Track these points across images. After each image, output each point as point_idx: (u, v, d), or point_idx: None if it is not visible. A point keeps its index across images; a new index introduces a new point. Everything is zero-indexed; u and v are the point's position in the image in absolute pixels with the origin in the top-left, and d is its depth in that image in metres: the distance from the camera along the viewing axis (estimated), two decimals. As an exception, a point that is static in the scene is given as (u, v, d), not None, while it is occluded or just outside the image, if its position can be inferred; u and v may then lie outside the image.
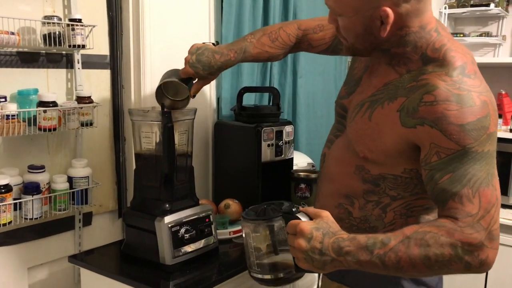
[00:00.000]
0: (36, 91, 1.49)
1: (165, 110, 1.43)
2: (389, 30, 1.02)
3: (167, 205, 1.45)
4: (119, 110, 1.78)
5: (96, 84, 1.71)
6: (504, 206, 2.18)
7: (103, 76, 1.74)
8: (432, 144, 0.98)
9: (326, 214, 1.03)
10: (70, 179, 1.56)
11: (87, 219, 1.73)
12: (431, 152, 0.99)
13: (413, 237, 0.94)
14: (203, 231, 1.50)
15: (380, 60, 1.14)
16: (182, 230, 1.44)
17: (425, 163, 1.01)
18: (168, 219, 1.41)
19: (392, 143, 1.06)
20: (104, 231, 1.80)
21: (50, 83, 1.59)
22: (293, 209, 1.05)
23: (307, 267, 1.00)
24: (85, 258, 1.54)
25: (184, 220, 1.45)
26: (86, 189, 1.57)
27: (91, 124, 1.57)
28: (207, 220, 1.53)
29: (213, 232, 1.53)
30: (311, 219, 1.03)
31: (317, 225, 1.00)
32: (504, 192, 2.12)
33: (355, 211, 1.16)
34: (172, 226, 1.41)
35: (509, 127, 2.19)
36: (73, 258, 1.54)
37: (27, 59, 1.52)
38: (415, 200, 1.10)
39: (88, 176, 1.59)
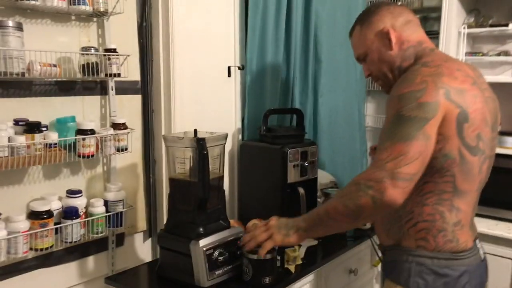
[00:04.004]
0: (73, 118, 1.55)
1: (198, 137, 1.48)
2: (395, 44, 1.33)
3: (201, 229, 1.49)
4: (149, 133, 1.84)
5: (128, 108, 1.77)
6: (509, 220, 2.21)
7: (135, 101, 1.80)
8: (386, 115, 1.23)
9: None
10: (105, 203, 1.61)
11: (120, 239, 1.78)
12: (385, 121, 1.22)
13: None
14: (235, 253, 1.54)
15: None
16: (216, 253, 1.48)
17: None
18: (202, 242, 1.46)
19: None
20: (135, 251, 1.85)
21: (85, 110, 1.65)
22: None
23: (280, 239, 1.34)
24: (121, 279, 1.58)
25: (217, 243, 1.50)
26: (121, 212, 1.63)
27: (126, 149, 1.63)
28: (238, 242, 1.57)
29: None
30: None
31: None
32: (510, 207, 2.15)
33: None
34: (207, 249, 1.46)
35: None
36: (110, 280, 1.58)
37: (65, 87, 1.58)
38: (423, 184, 1.21)
39: (123, 200, 1.64)
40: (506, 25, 2.26)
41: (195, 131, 1.54)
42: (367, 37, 1.38)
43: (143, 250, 1.89)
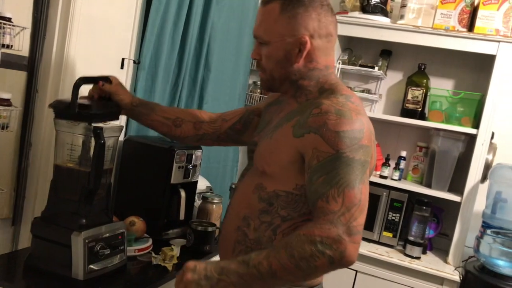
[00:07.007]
0: None
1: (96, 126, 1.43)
2: (303, 59, 1.22)
3: (84, 220, 1.44)
4: (29, 114, 1.71)
5: (10, 84, 1.63)
6: (369, 240, 2.53)
7: (18, 78, 1.66)
8: (314, 149, 1.12)
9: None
10: (-27, 183, 1.46)
11: (-22, 225, 1.62)
12: (313, 156, 1.12)
13: (281, 243, 1.09)
14: (116, 248, 1.52)
15: (287, 96, 1.33)
16: (98, 246, 1.44)
17: (308, 167, 1.13)
18: (85, 234, 1.41)
19: (286, 153, 1.19)
20: (-6, 239, 1.69)
21: (-39, 78, 1.48)
22: None
23: None
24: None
25: (100, 237, 1.46)
26: (-10, 195, 1.49)
27: (7, 127, 1.50)
28: (120, 237, 1.55)
29: (125, 249, 1.56)
30: None
31: (199, 262, 1.14)
32: (370, 228, 2.47)
33: (250, 232, 1.25)
34: (89, 242, 1.41)
35: (379, 173, 2.57)
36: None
37: None
38: (302, 221, 1.16)
39: (-7, 181, 1.50)
40: (373, 67, 2.61)
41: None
42: (281, 31, 1.21)
43: (3, 239, 1.73)
